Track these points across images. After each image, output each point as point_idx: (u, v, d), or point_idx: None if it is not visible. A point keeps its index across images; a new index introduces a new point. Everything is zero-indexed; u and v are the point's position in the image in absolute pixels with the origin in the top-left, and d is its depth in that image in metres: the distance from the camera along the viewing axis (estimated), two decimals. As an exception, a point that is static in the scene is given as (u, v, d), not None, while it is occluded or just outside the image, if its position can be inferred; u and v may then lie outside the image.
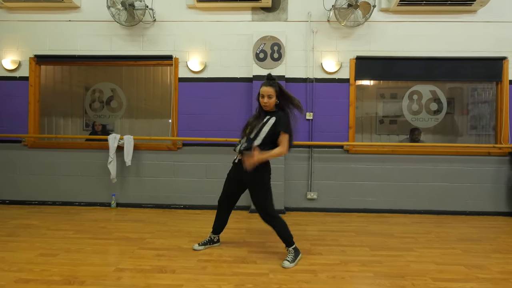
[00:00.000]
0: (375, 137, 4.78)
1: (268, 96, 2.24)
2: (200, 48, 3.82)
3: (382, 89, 4.82)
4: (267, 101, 2.24)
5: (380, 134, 4.84)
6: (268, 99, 2.24)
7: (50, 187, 3.89)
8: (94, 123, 4.42)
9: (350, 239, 2.79)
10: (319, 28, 3.75)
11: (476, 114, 4.15)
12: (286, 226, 2.32)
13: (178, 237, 2.78)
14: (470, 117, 4.21)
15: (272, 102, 2.26)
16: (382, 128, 4.82)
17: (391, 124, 4.84)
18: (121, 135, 3.75)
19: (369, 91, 4.66)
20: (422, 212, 3.72)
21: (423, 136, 4.22)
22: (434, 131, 4.24)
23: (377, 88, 4.76)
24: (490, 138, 3.88)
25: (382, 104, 4.82)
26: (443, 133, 4.23)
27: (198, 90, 3.82)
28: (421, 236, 2.90)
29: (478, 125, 4.12)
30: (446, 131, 4.21)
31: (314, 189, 3.78)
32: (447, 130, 4.20)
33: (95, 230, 2.95)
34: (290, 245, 2.30)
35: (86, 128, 4.83)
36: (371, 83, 4.67)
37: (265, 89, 2.23)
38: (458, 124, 4.24)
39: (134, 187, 3.85)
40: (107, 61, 3.88)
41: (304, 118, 3.77)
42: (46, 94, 4.16)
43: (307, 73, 3.77)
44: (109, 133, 4.36)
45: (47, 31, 3.88)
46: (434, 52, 3.70)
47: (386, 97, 4.84)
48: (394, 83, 4.65)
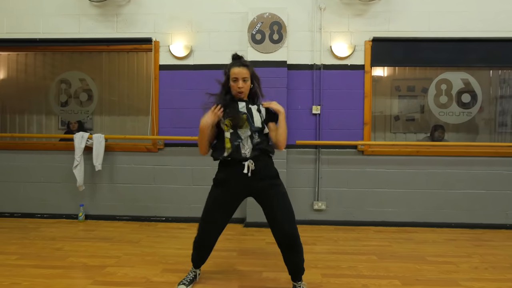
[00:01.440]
0: (389, 136, 4.14)
1: (243, 79, 1.69)
2: (185, 30, 3.20)
3: (397, 81, 4.18)
4: (242, 85, 1.69)
5: (396, 133, 4.20)
6: (243, 83, 1.69)
7: (7, 195, 3.27)
8: (69, 121, 3.79)
9: (372, 267, 2.15)
10: (327, 4, 3.12)
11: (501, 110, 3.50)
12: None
13: (149, 263, 2.15)
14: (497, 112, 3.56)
15: (247, 87, 1.72)
16: (398, 125, 4.20)
17: (408, 121, 4.22)
18: (88, 133, 3.13)
19: (383, 83, 4.04)
20: (453, 225, 3.08)
21: (448, 134, 3.59)
22: (464, 129, 3.59)
23: (392, 80, 4.13)
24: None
25: (398, 99, 4.20)
26: (474, 132, 3.58)
27: (182, 79, 3.20)
28: (462, 262, 2.26)
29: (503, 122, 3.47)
30: (477, 129, 3.55)
31: (323, 198, 3.14)
32: (479, 127, 3.55)
33: (47, 253, 2.32)
34: (300, 279, 1.73)
35: (62, 127, 4.20)
36: (384, 74, 4.05)
37: (239, 70, 1.68)
38: (496, 120, 3.58)
39: (106, 195, 3.23)
40: (75, 45, 3.26)
41: (310, 113, 3.14)
42: (7, 88, 3.54)
43: (313, 58, 3.14)
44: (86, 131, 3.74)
45: (2, 11, 3.26)
46: (467, 32, 3.06)
47: (402, 90, 4.21)
48: (412, 73, 4.03)
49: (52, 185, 3.26)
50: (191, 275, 1.87)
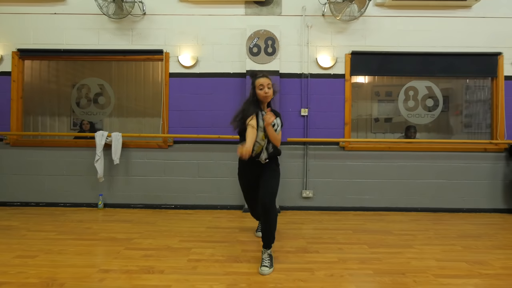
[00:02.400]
0: (371, 136, 4.71)
1: (268, 86, 2.16)
2: (192, 43, 3.71)
3: (377, 87, 4.77)
4: (268, 91, 2.16)
5: (376, 133, 4.78)
6: (268, 89, 2.16)
7: (33, 187, 3.70)
8: (82, 121, 4.24)
9: (347, 237, 2.69)
10: (313, 23, 3.68)
11: (471, 111, 4.12)
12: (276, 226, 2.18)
13: (168, 236, 2.64)
14: (465, 114, 4.18)
15: (271, 93, 2.18)
16: (377, 126, 4.77)
17: (386, 123, 4.80)
18: (108, 132, 3.60)
19: (364, 89, 4.61)
20: (419, 209, 3.65)
21: (418, 134, 4.17)
22: (429, 129, 4.20)
23: (372, 86, 4.72)
24: (486, 135, 3.85)
25: (377, 103, 4.78)
26: (439, 131, 4.19)
27: (189, 85, 3.70)
28: (419, 233, 2.82)
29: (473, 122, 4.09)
30: (441, 128, 4.17)
31: (310, 187, 3.68)
32: (442, 127, 4.16)
33: (80, 231, 2.79)
34: (270, 247, 2.10)
35: (74, 128, 4.65)
36: (365, 81, 4.63)
37: (264, 80, 2.16)
38: (454, 121, 4.21)
39: (122, 186, 3.69)
40: (95, 55, 3.73)
41: (299, 115, 3.68)
42: (31, 91, 3.98)
43: (302, 68, 3.68)
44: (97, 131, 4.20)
45: (31, 24, 3.72)
46: (430, 47, 3.66)
47: (381, 95, 4.80)
48: (389, 81, 4.62)
49: (74, 178, 3.70)
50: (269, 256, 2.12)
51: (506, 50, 3.64)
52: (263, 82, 2.15)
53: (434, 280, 1.90)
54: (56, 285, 1.77)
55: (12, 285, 1.77)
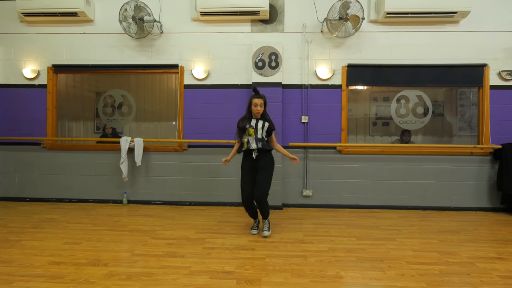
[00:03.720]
0: (369, 138, 5.09)
1: (260, 105, 2.87)
2: (204, 57, 4.15)
3: (375, 93, 5.13)
4: (259, 109, 2.87)
5: (374, 136, 5.14)
6: (260, 108, 2.87)
7: (66, 185, 4.24)
8: (105, 126, 4.76)
9: (340, 231, 3.10)
10: (313, 39, 4.07)
11: (461, 117, 4.45)
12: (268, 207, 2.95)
13: (185, 229, 3.11)
14: (458, 119, 4.51)
15: (262, 110, 2.90)
16: (375, 129, 5.13)
17: (383, 126, 5.15)
18: (130, 137, 4.09)
19: (363, 94, 4.98)
20: (410, 208, 4.02)
21: (413, 137, 4.53)
22: (423, 133, 4.54)
23: (370, 92, 5.07)
24: (473, 139, 4.17)
25: (375, 107, 5.13)
26: (431, 135, 4.53)
27: (202, 96, 4.15)
28: (404, 229, 3.21)
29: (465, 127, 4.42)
30: (433, 132, 4.51)
31: (310, 187, 4.09)
32: (434, 132, 4.50)
33: (111, 223, 3.28)
34: (267, 217, 2.96)
35: (97, 131, 5.19)
36: (364, 88, 4.98)
37: (258, 100, 2.87)
38: (444, 126, 4.54)
39: (144, 185, 4.19)
40: (119, 69, 4.22)
41: (299, 122, 4.09)
42: (62, 99, 4.52)
43: (302, 79, 4.08)
44: (119, 135, 4.71)
45: (63, 43, 4.23)
46: (420, 60, 4.01)
47: (379, 100, 5.14)
48: (386, 87, 4.96)
49: (101, 177, 4.22)
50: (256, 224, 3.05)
51: (491, 61, 3.95)
52: (256, 102, 2.86)
53: (406, 266, 2.29)
54: (101, 264, 2.25)
55: (68, 264, 2.26)
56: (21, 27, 4.27)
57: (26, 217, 3.46)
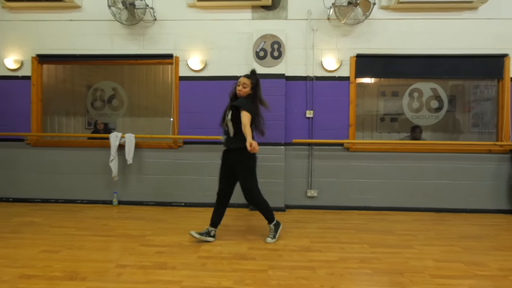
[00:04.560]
0: (376, 135, 4.78)
1: (243, 85, 2.51)
2: (201, 47, 3.84)
3: (383, 87, 4.82)
4: (241, 89, 2.51)
5: (381, 132, 4.84)
6: (242, 88, 2.51)
7: (52, 185, 3.93)
8: (96, 121, 4.45)
9: (350, 236, 2.80)
10: (319, 26, 3.75)
11: (477, 112, 4.14)
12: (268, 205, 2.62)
13: (179, 234, 2.81)
14: (472, 114, 4.21)
15: (245, 92, 2.51)
16: (383, 126, 4.83)
17: (392, 122, 4.85)
18: (122, 133, 3.78)
19: (370, 88, 4.67)
20: (423, 210, 3.73)
21: (423, 134, 4.22)
22: (434, 129, 4.24)
23: (378, 86, 4.77)
24: (492, 136, 3.87)
25: (383, 102, 4.83)
26: (444, 131, 4.23)
27: (198, 88, 3.84)
28: (420, 234, 2.91)
29: (479, 123, 4.11)
30: (447, 129, 4.20)
31: (315, 187, 3.79)
32: (448, 128, 4.19)
33: (97, 227, 2.98)
34: (272, 221, 2.63)
35: (88, 127, 4.88)
36: (372, 81, 4.68)
37: (242, 79, 2.54)
38: (459, 122, 4.23)
39: (135, 185, 3.88)
40: (108, 60, 3.90)
41: (304, 116, 3.78)
42: (48, 93, 4.20)
43: (307, 71, 3.77)
44: (111, 131, 4.40)
45: (48, 31, 3.91)
46: (435, 49, 3.69)
47: (387, 94, 4.84)
48: (395, 80, 4.65)
49: (90, 176, 3.91)
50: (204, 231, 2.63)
51: (512, 51, 3.64)
52: (240, 80, 2.54)
53: (431, 280, 2.00)
54: (79, 278, 1.95)
55: (40, 278, 1.96)
56: (2, 13, 3.94)
57: (5, 220, 3.16)
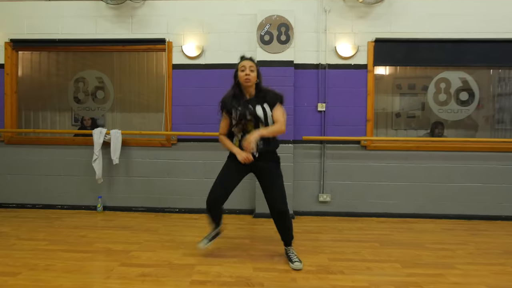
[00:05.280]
0: (391, 132, 4.32)
1: (250, 69, 2.02)
2: (197, 31, 3.36)
3: (399, 79, 4.35)
4: (249, 73, 2.01)
5: (397, 129, 4.38)
6: (250, 72, 2.01)
7: (29, 188, 3.46)
8: (83, 117, 3.97)
9: (375, 252, 2.34)
10: (332, 7, 3.28)
11: (508, 106, 3.66)
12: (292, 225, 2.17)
13: (169, 248, 2.34)
14: (505, 109, 3.72)
15: (253, 77, 2.03)
16: (399, 122, 4.37)
17: (408, 118, 4.40)
18: (110, 129, 3.31)
19: (384, 80, 4.20)
20: (451, 216, 3.26)
21: (448, 131, 3.75)
22: (462, 125, 3.76)
23: (393, 78, 4.30)
24: None
25: (399, 96, 4.36)
26: (472, 127, 3.75)
27: (194, 78, 3.37)
28: (458, 248, 2.44)
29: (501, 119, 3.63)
30: (476, 125, 3.72)
31: (327, 190, 3.32)
32: (477, 123, 3.71)
33: (73, 239, 2.51)
34: (288, 244, 2.17)
35: (75, 123, 4.39)
36: (386, 73, 4.22)
37: (246, 62, 2.04)
38: (491, 117, 3.74)
39: (123, 188, 3.42)
40: (92, 46, 3.43)
41: (315, 110, 3.31)
42: (26, 84, 3.72)
43: (319, 58, 3.30)
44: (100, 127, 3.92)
45: (24, 13, 3.44)
46: (465, 33, 3.22)
47: (403, 88, 4.38)
48: (413, 72, 4.18)
49: (72, 178, 3.45)
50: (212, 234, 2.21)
51: (556, 35, 3.17)
52: (245, 64, 2.03)
53: (491, 315, 1.53)
54: (33, 315, 1.48)
55: (-17, 314, 1.49)
56: (-28, -7, 3.46)
57: (-34, 230, 2.69)
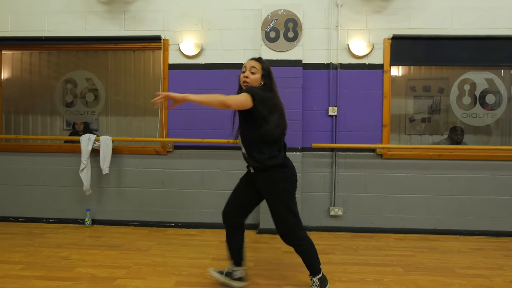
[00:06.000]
0: (404, 138, 4.02)
1: (251, 69, 1.71)
2: (196, 27, 3.07)
3: (413, 81, 4.06)
4: (248, 75, 1.71)
5: (410, 135, 4.08)
6: (249, 74, 1.71)
7: (11, 199, 3.17)
8: (75, 122, 3.69)
9: (400, 280, 2.01)
10: (345, 1, 2.98)
11: None
12: (314, 247, 1.76)
13: (161, 275, 2.03)
14: None
15: (254, 79, 1.72)
16: (413, 127, 4.07)
17: (423, 123, 4.09)
18: (102, 135, 3.02)
19: (397, 82, 3.91)
20: (477, 233, 2.93)
21: (468, 136, 3.44)
22: (484, 131, 3.45)
23: (407, 80, 4.01)
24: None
25: (413, 99, 4.07)
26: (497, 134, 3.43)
27: (193, 79, 3.07)
28: (494, 274, 2.12)
29: None
30: (503, 130, 3.40)
31: (339, 203, 3.00)
32: (504, 129, 3.39)
33: (53, 262, 2.20)
34: (316, 273, 1.74)
35: (67, 128, 4.11)
36: (399, 74, 3.93)
37: (249, 62, 1.75)
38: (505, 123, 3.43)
39: (114, 200, 3.11)
40: (81, 43, 3.14)
41: (326, 114, 3.00)
42: (11, 86, 3.44)
43: (330, 57, 3.00)
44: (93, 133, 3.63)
45: (7, 7, 3.15)
46: (492, 29, 2.91)
47: (417, 90, 4.08)
48: (428, 73, 3.91)
49: (58, 189, 3.15)
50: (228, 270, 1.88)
51: None
52: (247, 64, 1.75)
53: None
54: None
55: None
56: (-49, -13, 3.19)
57: None
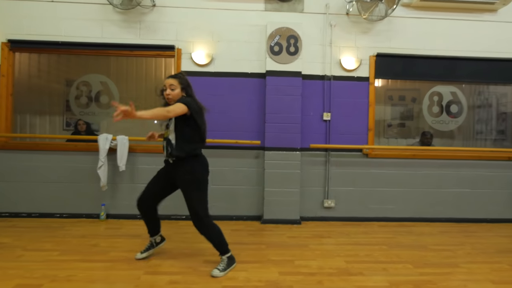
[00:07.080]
0: (383, 141, 4.58)
1: (170, 87, 2.05)
2: (207, 39, 3.41)
3: (390, 91, 4.64)
4: (169, 92, 2.05)
5: (388, 138, 4.66)
6: (170, 91, 2.05)
7: (24, 196, 3.29)
8: (78, 121, 3.84)
9: (386, 254, 2.48)
10: (337, 22, 3.46)
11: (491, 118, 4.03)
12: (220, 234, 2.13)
13: (189, 255, 2.35)
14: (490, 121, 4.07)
15: (175, 94, 2.07)
16: (391, 131, 4.64)
17: (399, 127, 4.68)
18: (112, 135, 3.25)
19: (377, 93, 4.46)
20: (443, 220, 3.51)
21: (435, 140, 4.05)
22: (448, 135, 4.08)
23: (385, 90, 4.58)
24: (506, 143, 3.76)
25: (391, 107, 4.65)
26: (459, 138, 4.08)
27: (203, 85, 3.40)
28: (457, 249, 2.65)
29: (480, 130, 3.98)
30: (463, 135, 4.05)
31: (332, 196, 3.46)
32: (465, 134, 4.04)
33: (86, 249, 2.44)
34: (225, 253, 2.12)
35: (67, 128, 4.23)
36: (379, 85, 4.49)
37: (167, 81, 2.07)
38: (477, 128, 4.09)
39: (127, 195, 3.35)
40: (97, 49, 3.36)
41: (321, 119, 3.46)
42: (21, 87, 3.56)
43: (324, 69, 3.46)
44: (95, 133, 3.82)
45: (24, 12, 3.30)
46: (456, 51, 3.52)
47: (394, 99, 4.67)
48: (403, 84, 4.48)
49: (71, 185, 3.32)
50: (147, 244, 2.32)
51: (532, 56, 3.56)
52: (165, 83, 2.07)
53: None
54: (73, 327, 1.45)
55: (17, 328, 1.44)
56: (-35, -11, 3.28)
57: (-37, 242, 2.52)
